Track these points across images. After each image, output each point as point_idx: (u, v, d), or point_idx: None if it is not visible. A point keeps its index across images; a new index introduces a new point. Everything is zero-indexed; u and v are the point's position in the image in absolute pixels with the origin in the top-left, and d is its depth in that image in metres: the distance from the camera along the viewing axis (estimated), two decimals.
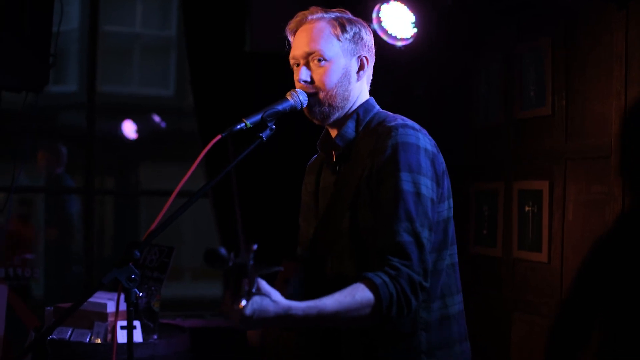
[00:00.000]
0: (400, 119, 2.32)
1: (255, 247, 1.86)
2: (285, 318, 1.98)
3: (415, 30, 4.31)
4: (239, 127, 2.27)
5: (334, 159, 2.43)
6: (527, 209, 4.10)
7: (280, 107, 2.33)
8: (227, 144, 3.45)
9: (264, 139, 2.32)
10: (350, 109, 2.40)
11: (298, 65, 2.39)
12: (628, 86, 3.51)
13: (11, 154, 4.43)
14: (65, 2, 4.19)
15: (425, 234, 2.16)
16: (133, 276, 2.10)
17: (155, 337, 3.66)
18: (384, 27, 4.27)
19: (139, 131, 8.28)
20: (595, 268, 3.69)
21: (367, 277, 2.09)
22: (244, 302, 1.85)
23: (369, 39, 2.43)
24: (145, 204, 8.80)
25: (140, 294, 3.55)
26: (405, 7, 4.31)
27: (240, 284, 1.86)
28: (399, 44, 4.31)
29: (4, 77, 3.90)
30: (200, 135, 5.11)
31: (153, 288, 3.69)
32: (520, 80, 4.21)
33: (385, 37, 4.25)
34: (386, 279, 2.08)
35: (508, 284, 4.25)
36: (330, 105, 2.35)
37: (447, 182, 2.32)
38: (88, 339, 3.55)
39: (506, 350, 4.22)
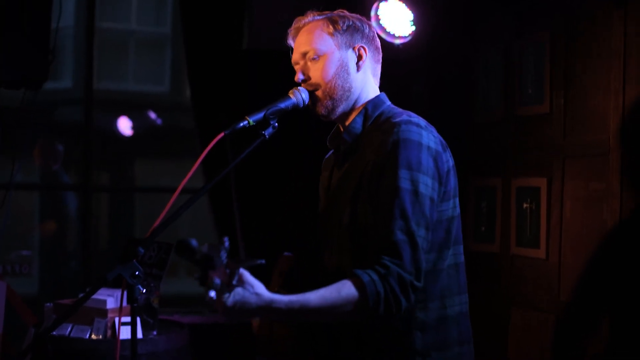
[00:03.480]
0: (406, 115, 2.31)
1: (226, 240, 1.89)
2: (267, 310, 2.01)
3: (414, 28, 4.33)
4: (241, 124, 2.27)
5: (342, 155, 2.43)
6: (525, 205, 4.12)
7: (282, 105, 2.34)
8: (225, 142, 3.44)
9: (267, 136, 2.32)
10: (356, 102, 2.40)
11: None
12: (626, 83, 3.52)
13: (9, 150, 4.42)
14: None
15: (421, 232, 2.15)
16: (137, 273, 2.11)
17: (155, 333, 3.67)
18: (382, 25, 4.29)
19: (134, 127, 8.27)
20: (593, 264, 3.70)
21: (356, 275, 2.09)
22: (212, 294, 1.89)
23: (366, 30, 2.42)
24: (140, 200, 8.79)
25: (144, 291, 3.56)
26: (404, 5, 4.32)
27: (206, 276, 1.89)
28: (398, 42, 4.32)
29: (3, 73, 3.89)
30: (198, 132, 5.12)
31: (152, 284, 3.69)
32: (519, 77, 4.22)
33: (383, 35, 4.26)
34: (375, 277, 2.08)
35: (506, 280, 4.27)
36: (331, 98, 2.35)
37: (453, 181, 2.31)
38: (88, 335, 3.55)
39: (504, 345, 4.24)
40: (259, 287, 1.99)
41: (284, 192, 5.14)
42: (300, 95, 2.37)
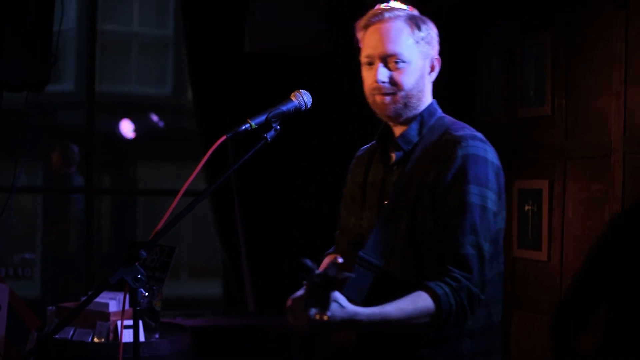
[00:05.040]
0: (467, 128, 2.38)
1: (341, 260, 1.89)
2: (350, 323, 2.04)
3: None
4: (244, 127, 2.28)
5: (392, 159, 2.43)
6: (527, 207, 4.12)
7: (284, 108, 2.35)
8: (227, 145, 3.43)
9: (269, 139, 2.33)
10: (417, 109, 2.41)
11: (371, 63, 2.38)
12: (628, 84, 3.52)
13: (11, 153, 4.43)
14: (65, 2, 4.19)
15: (486, 247, 2.21)
16: (139, 276, 2.11)
17: (157, 336, 3.67)
18: None
19: (136, 130, 8.27)
20: (594, 267, 3.70)
21: (430, 287, 2.13)
22: (329, 313, 1.89)
23: (437, 39, 2.46)
24: (142, 203, 8.79)
25: (146, 294, 3.56)
26: (405, 7, 4.31)
27: (327, 296, 1.88)
28: None
29: (5, 77, 3.89)
30: (200, 135, 5.12)
31: (154, 287, 3.70)
32: (520, 78, 4.22)
33: None
34: (447, 290, 2.13)
35: (508, 282, 4.26)
36: (406, 105, 2.37)
37: (504, 195, 2.35)
38: (90, 339, 3.56)
39: (506, 348, 4.23)
40: (343, 300, 2.02)
41: (285, 195, 5.14)
42: (302, 98, 2.39)
